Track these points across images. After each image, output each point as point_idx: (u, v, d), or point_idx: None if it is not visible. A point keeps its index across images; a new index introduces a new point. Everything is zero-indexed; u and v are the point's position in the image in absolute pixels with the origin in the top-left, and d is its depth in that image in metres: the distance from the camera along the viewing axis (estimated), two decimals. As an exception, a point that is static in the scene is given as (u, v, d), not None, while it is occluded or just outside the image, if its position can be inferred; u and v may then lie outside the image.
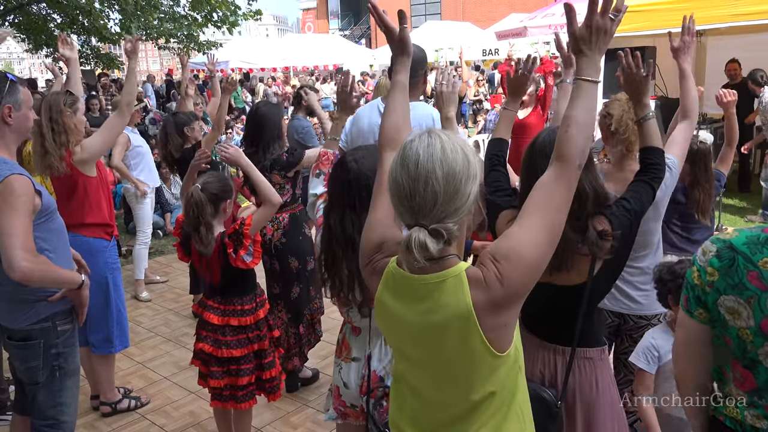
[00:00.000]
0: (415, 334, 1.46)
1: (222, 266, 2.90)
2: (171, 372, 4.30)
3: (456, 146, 1.37)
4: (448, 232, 1.35)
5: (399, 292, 1.46)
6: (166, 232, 7.69)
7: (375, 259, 1.56)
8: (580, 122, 1.49)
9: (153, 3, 13.08)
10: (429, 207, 1.35)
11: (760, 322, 1.33)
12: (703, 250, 1.43)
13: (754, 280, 1.32)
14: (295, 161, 3.67)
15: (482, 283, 1.36)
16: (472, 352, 1.38)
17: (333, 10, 43.38)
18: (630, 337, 2.64)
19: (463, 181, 1.35)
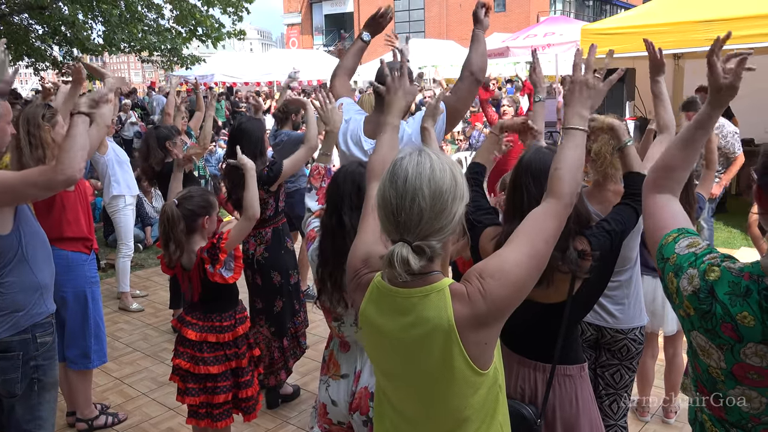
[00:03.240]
0: (398, 349, 1.47)
1: (201, 281, 2.89)
2: (149, 388, 4.24)
3: (445, 166, 1.40)
4: (431, 250, 1.37)
5: (383, 306, 1.48)
6: (146, 246, 7.62)
7: (360, 274, 1.58)
8: (569, 165, 1.60)
9: (137, 15, 13.03)
10: (414, 224, 1.37)
11: (731, 367, 1.31)
12: (690, 276, 1.36)
13: (728, 331, 1.29)
14: (276, 175, 3.68)
15: (465, 298, 1.38)
16: (453, 368, 1.39)
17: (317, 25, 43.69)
18: (608, 351, 2.68)
19: (449, 201, 1.38)
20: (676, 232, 1.45)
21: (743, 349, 1.28)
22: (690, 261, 1.37)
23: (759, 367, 1.27)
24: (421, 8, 38.52)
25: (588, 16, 38.60)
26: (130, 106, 14.24)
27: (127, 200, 5.72)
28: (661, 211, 1.53)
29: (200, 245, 2.89)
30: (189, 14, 13.03)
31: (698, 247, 1.40)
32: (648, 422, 3.64)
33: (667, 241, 1.44)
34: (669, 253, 1.42)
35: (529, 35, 13.01)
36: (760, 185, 1.30)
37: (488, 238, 2.11)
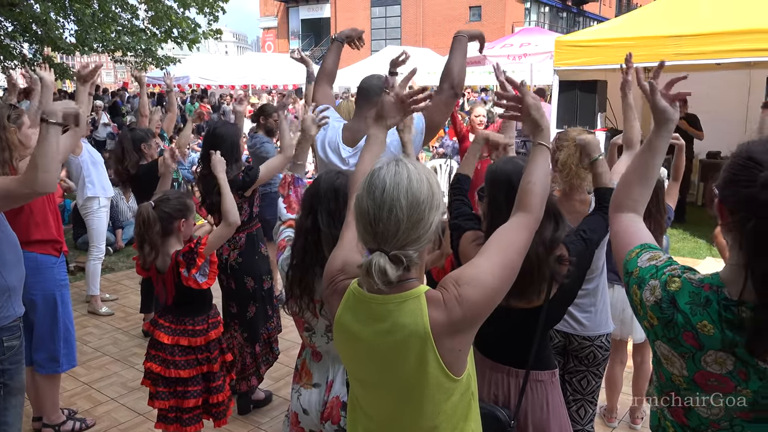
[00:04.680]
0: (373, 355, 1.48)
1: (175, 285, 2.87)
2: (118, 393, 4.18)
3: (422, 176, 1.43)
4: (407, 259, 1.39)
5: (358, 313, 1.49)
6: (116, 249, 7.51)
7: (336, 280, 1.59)
8: (540, 179, 1.67)
9: (111, 15, 12.87)
10: (391, 234, 1.39)
11: (693, 375, 1.36)
12: (652, 287, 1.40)
13: (689, 340, 1.33)
14: (251, 180, 3.67)
15: (442, 304, 1.41)
16: (428, 374, 1.41)
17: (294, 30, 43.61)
18: (575, 357, 2.74)
19: (426, 211, 1.40)
20: (639, 247, 1.51)
21: (704, 356, 1.32)
22: (651, 273, 1.42)
23: (718, 374, 1.32)
24: (398, 15, 38.72)
25: (562, 28, 39.22)
26: (102, 107, 14.03)
27: (101, 202, 5.64)
28: (625, 231, 1.58)
29: (176, 248, 2.88)
30: (164, 15, 12.91)
31: (659, 260, 1.45)
32: (615, 428, 3.71)
33: (630, 257, 1.50)
34: (632, 267, 1.47)
35: (506, 45, 13.17)
36: (721, 199, 1.35)
37: (468, 241, 2.15)
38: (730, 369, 1.30)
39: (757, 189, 1.23)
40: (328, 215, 2.01)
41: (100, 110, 13.47)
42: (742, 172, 1.28)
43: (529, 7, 38.39)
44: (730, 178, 1.32)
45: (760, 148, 1.29)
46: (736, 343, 1.28)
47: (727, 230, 1.34)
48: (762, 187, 1.22)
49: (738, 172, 1.30)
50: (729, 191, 1.32)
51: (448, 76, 2.72)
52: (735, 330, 1.27)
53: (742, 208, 1.26)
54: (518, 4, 36.90)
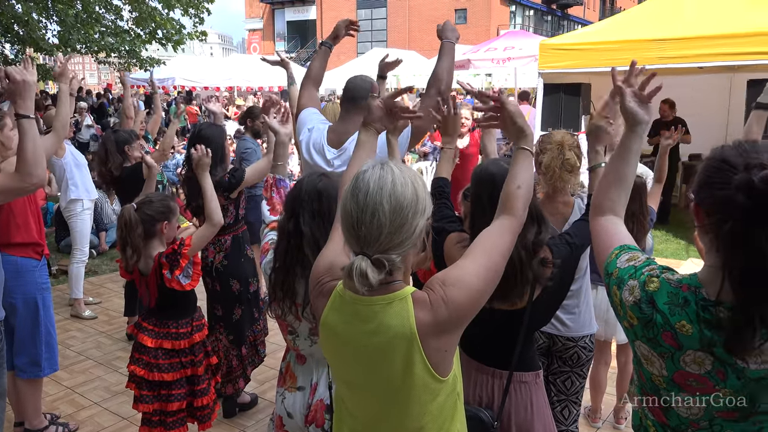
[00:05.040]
0: (359, 356, 1.49)
1: (159, 287, 2.85)
2: (102, 397, 4.14)
3: (407, 180, 1.43)
4: (390, 263, 1.40)
5: (345, 314, 1.50)
6: (100, 252, 7.44)
7: (322, 282, 1.59)
8: (524, 184, 1.69)
9: (94, 16, 12.76)
10: (374, 237, 1.40)
11: (672, 375, 1.37)
12: (631, 287, 1.41)
13: (668, 340, 1.34)
14: (237, 182, 3.66)
15: (428, 305, 1.42)
16: (414, 374, 1.42)
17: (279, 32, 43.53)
18: (559, 358, 2.75)
19: (409, 215, 1.40)
20: (618, 248, 1.52)
21: (683, 356, 1.34)
22: (630, 273, 1.43)
23: (697, 374, 1.34)
24: (384, 18, 38.81)
25: (546, 31, 39.50)
26: (86, 108, 13.89)
27: (84, 204, 5.58)
28: (605, 233, 1.59)
29: (158, 250, 2.86)
30: (149, 16, 12.83)
31: (637, 260, 1.46)
32: (599, 428, 3.73)
33: (610, 258, 1.52)
34: (612, 268, 1.49)
35: (490, 48, 13.24)
36: (697, 202, 1.37)
37: (452, 242, 2.16)
38: (709, 369, 1.32)
39: (732, 191, 1.25)
40: (311, 217, 2.01)
41: (84, 112, 13.34)
42: (717, 175, 1.30)
43: (514, 11, 38.66)
44: (705, 181, 1.34)
45: (733, 151, 1.31)
46: (715, 342, 1.29)
47: (704, 232, 1.36)
48: (737, 189, 1.24)
49: (713, 175, 1.32)
50: (705, 194, 1.33)
51: (435, 81, 2.73)
52: (713, 330, 1.29)
53: (718, 210, 1.28)
54: (503, 8, 37.14)
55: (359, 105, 2.80)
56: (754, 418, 1.33)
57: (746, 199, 1.22)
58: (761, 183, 1.21)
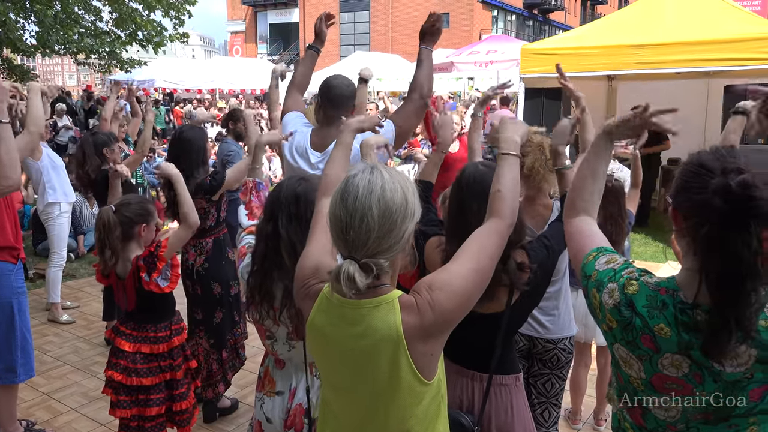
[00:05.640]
0: (345, 359, 1.49)
1: (136, 290, 2.82)
2: (79, 403, 4.08)
3: (396, 185, 1.43)
4: (378, 268, 1.40)
5: (331, 316, 1.50)
6: (78, 255, 7.35)
7: (309, 284, 1.59)
8: (509, 186, 1.70)
9: (73, 17, 12.61)
10: (362, 242, 1.40)
11: (650, 377, 1.39)
12: (610, 290, 1.43)
13: (647, 342, 1.36)
14: (218, 184, 3.63)
15: (414, 309, 1.42)
16: (400, 378, 1.42)
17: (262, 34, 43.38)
18: (540, 361, 2.77)
19: (398, 221, 1.41)
20: (596, 251, 1.54)
21: (661, 359, 1.35)
22: (609, 276, 1.45)
23: (675, 377, 1.35)
24: (366, 21, 38.86)
25: (528, 36, 39.86)
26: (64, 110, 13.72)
27: (62, 207, 5.50)
28: (579, 235, 1.61)
29: (136, 253, 2.83)
30: (129, 18, 12.70)
31: (616, 263, 1.48)
32: (580, 429, 3.76)
33: (587, 260, 1.53)
34: (590, 270, 1.50)
35: (473, 52, 13.33)
36: (674, 206, 1.39)
37: (433, 246, 2.17)
38: (686, 372, 1.33)
39: (710, 195, 1.26)
40: (289, 221, 2.00)
41: (62, 113, 13.18)
42: (694, 179, 1.32)
43: (497, 15, 38.93)
44: (683, 186, 1.36)
45: (710, 156, 1.34)
46: (692, 345, 1.31)
47: (681, 236, 1.38)
48: (713, 193, 1.26)
49: (690, 180, 1.34)
50: (682, 198, 1.35)
51: (417, 86, 2.76)
52: (690, 333, 1.31)
53: (695, 214, 1.30)
54: (486, 12, 37.39)
55: (342, 112, 2.80)
56: (730, 421, 1.35)
57: (723, 203, 1.24)
58: (738, 187, 1.23)
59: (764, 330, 1.28)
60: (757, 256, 1.24)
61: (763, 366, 1.29)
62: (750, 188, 1.23)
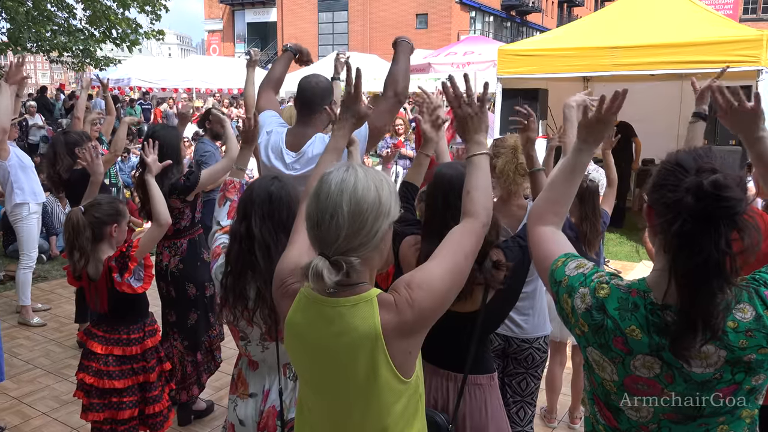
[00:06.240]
0: (323, 357, 1.48)
1: (109, 291, 2.78)
2: (51, 407, 4.01)
3: (370, 183, 1.42)
4: (348, 265, 1.39)
5: (310, 315, 1.49)
6: (50, 257, 7.22)
7: (287, 283, 1.59)
8: (481, 186, 1.70)
9: (46, 14, 12.38)
10: (333, 239, 1.40)
11: (623, 379, 1.40)
12: (582, 295, 1.44)
13: (619, 345, 1.37)
14: (192, 185, 3.59)
15: (393, 307, 1.42)
16: (378, 376, 1.42)
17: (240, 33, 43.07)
18: (515, 360, 2.79)
19: (369, 219, 1.40)
20: (564, 256, 1.55)
21: (633, 361, 1.37)
22: (580, 281, 1.46)
23: (646, 378, 1.37)
24: (345, 21, 38.79)
25: (506, 37, 40.13)
26: (36, 108, 13.47)
27: (31, 208, 5.38)
28: (546, 242, 1.61)
29: (108, 254, 2.79)
30: (102, 15, 12.49)
31: (586, 268, 1.49)
32: (555, 427, 3.79)
33: (557, 266, 1.53)
34: (560, 276, 1.51)
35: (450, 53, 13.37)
36: (649, 203, 1.41)
37: (408, 245, 2.17)
38: (658, 372, 1.35)
39: (682, 193, 1.28)
40: (262, 221, 1.99)
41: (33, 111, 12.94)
42: (670, 177, 1.34)
43: (474, 17, 39.13)
44: (658, 183, 1.38)
45: (687, 156, 1.35)
46: (663, 346, 1.32)
47: (654, 234, 1.39)
48: (686, 191, 1.28)
49: (666, 178, 1.35)
50: (657, 195, 1.37)
51: (392, 83, 2.73)
52: (660, 334, 1.32)
53: (668, 211, 1.31)
54: (464, 13, 37.57)
55: (317, 111, 2.79)
56: (699, 420, 1.37)
57: (695, 201, 1.26)
58: (710, 186, 1.25)
59: (732, 332, 1.30)
60: (725, 255, 1.26)
61: (732, 367, 1.31)
62: (721, 188, 1.25)
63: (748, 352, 1.29)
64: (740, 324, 1.30)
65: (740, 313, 1.31)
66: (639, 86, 8.79)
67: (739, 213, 1.26)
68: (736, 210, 1.25)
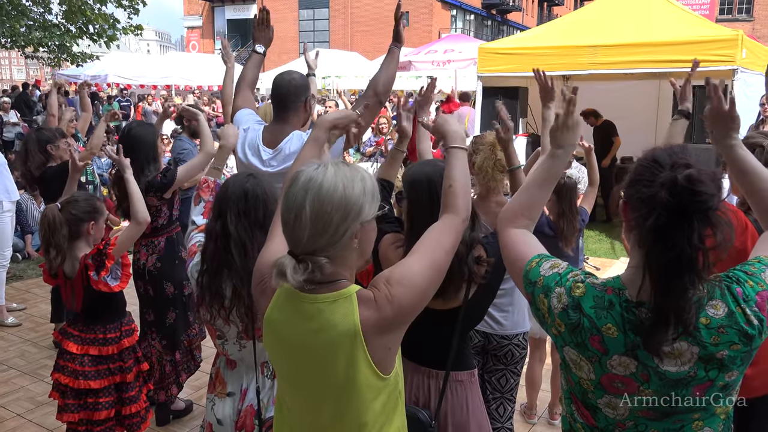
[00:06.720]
0: (302, 354, 1.47)
1: (85, 290, 2.74)
2: (26, 409, 3.94)
3: (337, 183, 1.40)
4: (314, 265, 1.39)
5: (288, 311, 1.48)
6: (26, 256, 7.10)
7: (266, 280, 1.57)
8: (460, 180, 1.69)
9: (21, 9, 12.17)
10: (298, 238, 1.40)
11: (600, 378, 1.41)
12: (558, 294, 1.43)
13: (595, 344, 1.37)
14: (169, 182, 3.55)
15: (372, 303, 1.42)
16: (357, 372, 1.41)
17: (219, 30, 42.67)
18: (494, 356, 2.80)
19: (334, 220, 1.39)
20: (537, 257, 1.55)
21: (609, 360, 1.37)
22: (556, 281, 1.46)
23: (622, 375, 1.37)
24: (326, 19, 38.63)
25: (486, 36, 40.29)
26: (9, 104, 13.23)
27: (4, 206, 5.29)
28: (518, 244, 1.60)
29: (85, 252, 2.75)
30: (78, 10, 12.30)
31: (560, 267, 1.49)
32: (535, 424, 3.81)
33: (531, 267, 1.53)
34: (535, 276, 1.51)
35: (431, 51, 13.40)
36: (625, 199, 1.42)
37: (388, 243, 2.15)
38: (633, 371, 1.36)
39: (657, 188, 1.29)
40: (237, 218, 1.97)
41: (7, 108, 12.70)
42: (645, 173, 1.35)
43: (455, 15, 39.21)
44: (634, 179, 1.39)
45: (663, 152, 1.37)
46: (638, 344, 1.33)
47: (629, 229, 1.40)
48: (660, 186, 1.29)
49: (642, 173, 1.37)
50: (632, 191, 1.38)
51: (374, 82, 2.77)
52: (636, 331, 1.33)
53: (642, 206, 1.32)
54: (445, 12, 37.62)
55: (292, 108, 2.78)
56: (674, 417, 1.38)
57: (669, 196, 1.27)
58: (684, 180, 1.26)
59: (704, 328, 1.31)
60: (698, 251, 1.27)
61: (706, 364, 1.32)
62: (695, 182, 1.26)
63: (720, 348, 1.31)
64: (712, 320, 1.31)
65: (713, 309, 1.32)
66: (617, 85, 8.89)
67: (712, 208, 1.27)
68: (708, 205, 1.27)
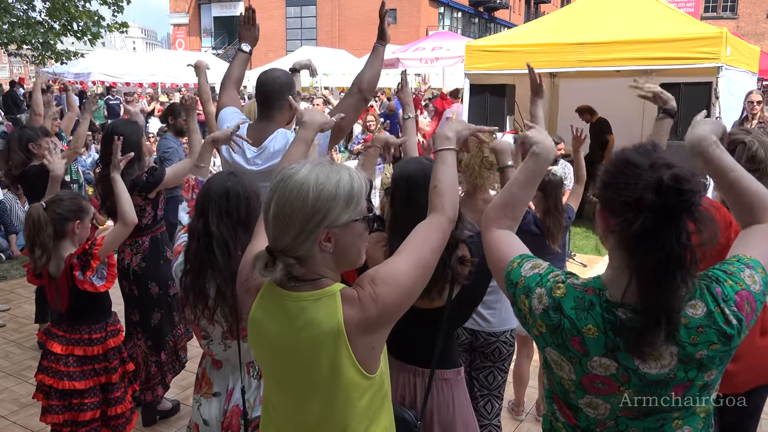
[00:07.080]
0: (286, 352, 1.47)
1: (70, 290, 2.71)
2: (10, 410, 3.89)
3: (305, 185, 1.39)
4: (285, 263, 1.40)
5: (272, 310, 1.48)
6: (10, 256, 7.02)
7: (251, 278, 1.57)
8: (447, 181, 1.69)
9: (3, 5, 12.01)
10: (272, 236, 1.43)
11: (580, 378, 1.40)
12: (539, 295, 1.42)
13: (576, 345, 1.37)
14: (156, 181, 3.51)
15: (356, 302, 1.41)
16: (341, 371, 1.41)
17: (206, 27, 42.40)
18: (482, 354, 2.80)
19: (297, 222, 1.39)
20: (519, 258, 1.54)
21: (590, 362, 1.37)
22: (537, 281, 1.45)
23: (602, 376, 1.37)
24: (313, 16, 38.51)
25: (474, 33, 40.33)
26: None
27: (-13, 206, 5.24)
28: (501, 244, 1.61)
29: (70, 251, 2.72)
30: (62, 7, 12.16)
31: (541, 268, 1.49)
32: (523, 420, 3.82)
33: (512, 267, 1.53)
34: (516, 277, 1.50)
35: (418, 48, 13.40)
36: (603, 204, 1.40)
37: (373, 242, 2.14)
38: (614, 372, 1.35)
39: (641, 190, 1.28)
40: (219, 217, 1.96)
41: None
42: (622, 176, 1.33)
43: (443, 12, 39.23)
44: (609, 182, 1.37)
45: (634, 152, 1.35)
46: (618, 346, 1.33)
47: (610, 233, 1.38)
48: (645, 188, 1.27)
49: (616, 176, 1.35)
50: (610, 195, 1.36)
51: (359, 80, 2.77)
52: (616, 332, 1.33)
53: (627, 209, 1.30)
54: (432, 9, 37.63)
55: (276, 107, 2.77)
56: (655, 416, 1.38)
57: (656, 196, 1.25)
58: (671, 180, 1.25)
59: (683, 328, 1.30)
60: (686, 249, 1.27)
61: (685, 365, 1.32)
62: (682, 181, 1.25)
63: (700, 348, 1.30)
64: (692, 320, 1.30)
65: (692, 309, 1.31)
66: (604, 82, 8.92)
67: (696, 205, 1.27)
68: (693, 202, 1.26)
